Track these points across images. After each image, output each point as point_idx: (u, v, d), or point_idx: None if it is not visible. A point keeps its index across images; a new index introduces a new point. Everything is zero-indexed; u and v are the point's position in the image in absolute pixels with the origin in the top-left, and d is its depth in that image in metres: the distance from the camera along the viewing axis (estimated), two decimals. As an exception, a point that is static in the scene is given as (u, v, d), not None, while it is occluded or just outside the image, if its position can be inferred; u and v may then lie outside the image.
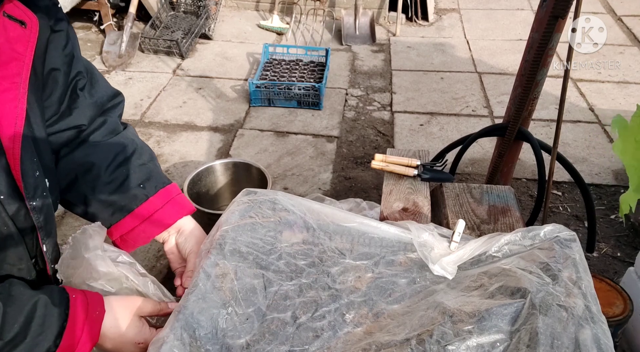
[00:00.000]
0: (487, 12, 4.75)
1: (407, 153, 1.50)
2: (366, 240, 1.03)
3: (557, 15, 1.51)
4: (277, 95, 3.32)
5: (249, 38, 4.26)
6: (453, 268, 0.97)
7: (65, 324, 0.76)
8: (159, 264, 2.23)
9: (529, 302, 0.82)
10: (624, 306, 1.56)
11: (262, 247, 0.98)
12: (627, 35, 4.27)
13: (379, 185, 2.60)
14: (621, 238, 2.39)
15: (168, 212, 1.07)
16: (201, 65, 3.84)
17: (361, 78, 3.76)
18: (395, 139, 3.08)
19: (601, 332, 0.77)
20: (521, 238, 0.98)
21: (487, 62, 3.94)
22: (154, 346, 0.77)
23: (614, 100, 3.43)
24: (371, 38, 4.25)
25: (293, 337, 0.86)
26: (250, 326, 0.87)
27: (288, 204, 1.02)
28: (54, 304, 0.76)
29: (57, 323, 0.75)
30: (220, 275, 0.90)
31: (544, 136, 3.03)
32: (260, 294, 0.91)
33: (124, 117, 3.57)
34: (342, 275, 0.97)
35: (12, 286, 0.75)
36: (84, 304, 0.80)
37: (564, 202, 2.61)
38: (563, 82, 1.62)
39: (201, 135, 3.08)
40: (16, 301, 0.73)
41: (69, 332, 0.76)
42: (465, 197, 1.36)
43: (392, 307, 0.92)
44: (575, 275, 0.87)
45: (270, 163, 2.85)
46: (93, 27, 4.28)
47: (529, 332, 0.78)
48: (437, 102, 3.44)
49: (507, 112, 1.93)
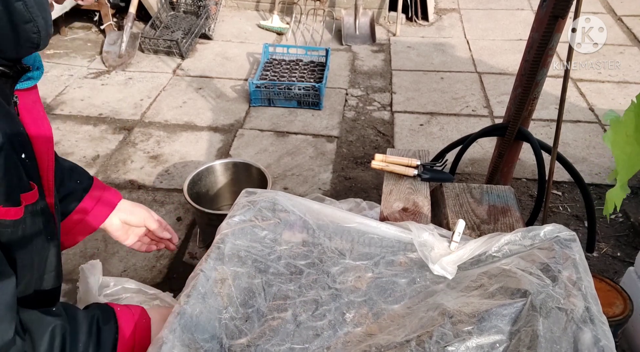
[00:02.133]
0: (487, 12, 4.75)
1: (407, 153, 1.50)
2: (366, 240, 1.03)
3: (557, 15, 1.51)
4: (277, 95, 3.31)
5: (249, 38, 4.26)
6: (453, 268, 0.97)
7: (117, 335, 0.84)
8: (159, 264, 2.23)
9: (529, 303, 0.82)
10: (624, 306, 1.56)
11: (261, 250, 0.98)
12: (627, 35, 4.27)
13: (379, 185, 2.60)
14: (621, 238, 2.39)
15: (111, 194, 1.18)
16: (201, 65, 3.84)
17: (361, 78, 3.76)
18: (395, 139, 3.08)
19: (601, 333, 0.77)
20: (521, 238, 0.98)
21: (487, 62, 3.94)
22: (154, 346, 0.77)
23: (614, 100, 3.43)
24: (371, 38, 4.25)
25: (293, 335, 0.86)
26: (250, 326, 0.87)
27: (288, 204, 1.02)
28: (104, 320, 0.83)
29: (110, 337, 0.83)
30: (219, 280, 0.91)
31: (544, 136, 3.03)
32: (259, 296, 0.91)
33: (124, 117, 3.53)
34: (342, 275, 0.97)
35: (67, 308, 0.81)
36: (130, 315, 0.87)
37: (564, 202, 2.61)
38: (563, 82, 1.62)
39: (201, 135, 3.08)
40: (76, 321, 0.79)
41: (121, 342, 0.84)
42: (465, 197, 1.35)
43: (392, 307, 0.92)
44: (575, 275, 0.87)
45: (270, 163, 2.85)
46: (93, 27, 4.28)
47: (529, 334, 0.78)
48: (437, 102, 3.44)
49: (507, 112, 1.93)
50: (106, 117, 3.22)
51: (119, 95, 3.45)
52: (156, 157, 2.89)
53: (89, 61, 3.85)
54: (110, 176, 2.74)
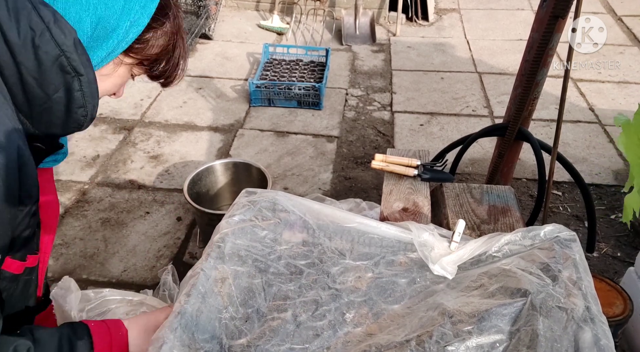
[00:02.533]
0: (487, 12, 4.75)
1: (407, 153, 1.50)
2: (366, 240, 1.03)
3: (557, 15, 1.51)
4: (277, 95, 3.31)
5: (249, 38, 4.26)
6: (453, 268, 0.97)
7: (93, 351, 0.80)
8: (159, 264, 2.23)
9: (529, 303, 0.82)
10: (624, 306, 1.56)
11: (261, 250, 0.98)
12: (627, 35, 4.27)
13: (379, 185, 2.60)
14: (621, 238, 2.39)
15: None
16: (201, 65, 3.84)
17: (361, 78, 3.76)
18: (395, 139, 3.08)
19: (601, 333, 0.77)
20: (521, 238, 0.98)
21: (487, 62, 3.94)
22: (154, 346, 0.77)
23: (614, 100, 3.43)
24: (371, 38, 4.25)
25: (293, 335, 0.86)
26: (250, 326, 0.87)
27: (288, 204, 1.02)
28: (77, 337, 0.80)
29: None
30: (220, 279, 0.90)
31: (544, 136, 3.03)
32: (259, 296, 0.91)
33: (124, 117, 3.53)
34: (342, 275, 0.97)
35: (33, 329, 0.79)
36: (106, 329, 0.84)
37: (564, 202, 2.61)
38: (563, 82, 1.62)
39: (201, 135, 3.08)
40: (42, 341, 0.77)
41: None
42: (465, 197, 1.35)
43: (392, 307, 0.92)
44: (575, 275, 0.87)
45: (270, 163, 2.85)
46: (93, 27, 4.29)
47: (529, 333, 0.78)
48: (437, 102, 3.44)
49: (507, 112, 1.93)
50: (106, 117, 3.22)
51: (119, 95, 3.44)
52: (156, 157, 2.89)
53: (89, 61, 3.85)
54: (110, 175, 2.74)
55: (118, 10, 0.72)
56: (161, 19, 0.78)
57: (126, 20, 0.73)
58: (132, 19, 0.74)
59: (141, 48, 0.78)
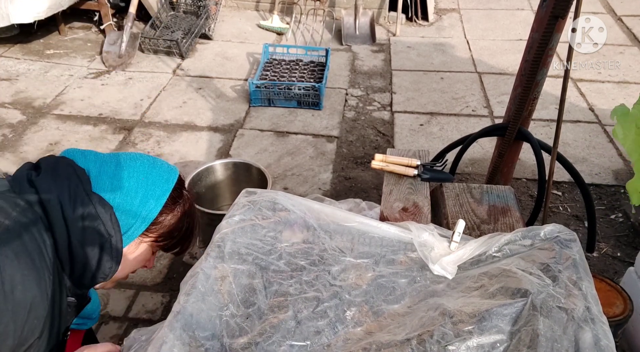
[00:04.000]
0: (487, 12, 4.75)
1: (407, 153, 1.50)
2: (366, 239, 1.03)
3: (557, 15, 1.51)
4: (277, 95, 3.31)
5: (249, 38, 4.26)
6: (453, 268, 0.97)
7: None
8: (158, 264, 2.23)
9: (529, 303, 0.82)
10: (624, 306, 1.56)
11: (261, 247, 0.98)
12: (627, 35, 4.27)
13: (379, 185, 2.60)
14: (621, 238, 2.39)
15: None
16: (201, 65, 3.84)
17: (361, 78, 3.76)
18: (395, 139, 3.08)
19: (602, 333, 0.77)
20: (521, 238, 0.98)
21: (487, 62, 3.94)
22: (154, 346, 0.77)
23: (614, 100, 3.43)
24: (371, 38, 4.24)
25: (294, 332, 0.86)
26: (251, 324, 0.87)
27: (288, 203, 1.02)
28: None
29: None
30: (220, 278, 0.90)
31: (544, 136, 3.03)
32: (260, 294, 0.91)
33: (124, 117, 3.52)
34: (343, 273, 0.97)
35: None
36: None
37: (564, 202, 2.61)
38: (563, 82, 1.62)
39: (201, 135, 3.08)
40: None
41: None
42: (465, 197, 1.35)
43: (393, 306, 0.92)
44: (575, 275, 0.87)
45: (270, 163, 2.85)
46: (93, 27, 4.28)
47: (530, 333, 0.78)
48: (437, 102, 3.44)
49: (507, 112, 1.93)
50: (106, 117, 3.22)
51: (119, 96, 3.44)
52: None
53: (89, 61, 3.85)
54: (110, 175, 2.73)
55: (136, 204, 0.92)
56: (172, 205, 0.97)
57: (144, 210, 0.92)
58: (149, 209, 0.93)
59: (156, 228, 0.95)
